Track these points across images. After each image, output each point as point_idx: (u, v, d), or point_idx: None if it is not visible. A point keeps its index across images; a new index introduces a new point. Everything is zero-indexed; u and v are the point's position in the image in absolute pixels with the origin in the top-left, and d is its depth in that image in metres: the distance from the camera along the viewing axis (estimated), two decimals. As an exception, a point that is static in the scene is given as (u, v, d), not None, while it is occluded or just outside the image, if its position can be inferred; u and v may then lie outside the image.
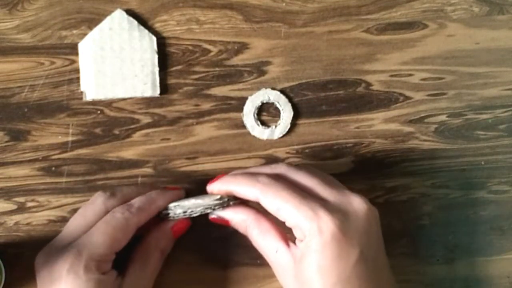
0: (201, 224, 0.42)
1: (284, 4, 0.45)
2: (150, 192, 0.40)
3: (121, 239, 0.37)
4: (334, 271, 0.35)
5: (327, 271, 0.35)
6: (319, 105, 0.46)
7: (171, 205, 0.40)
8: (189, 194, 0.42)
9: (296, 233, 0.37)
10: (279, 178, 0.38)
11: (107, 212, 0.38)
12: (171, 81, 0.44)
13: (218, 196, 0.39)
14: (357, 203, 0.36)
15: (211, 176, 0.44)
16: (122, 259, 0.39)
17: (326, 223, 0.35)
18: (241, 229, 0.40)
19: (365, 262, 0.35)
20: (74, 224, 0.38)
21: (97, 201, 0.39)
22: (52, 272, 0.36)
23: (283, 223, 0.37)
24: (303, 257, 0.36)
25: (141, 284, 0.39)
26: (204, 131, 0.45)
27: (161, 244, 0.40)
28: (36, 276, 0.38)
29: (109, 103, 0.44)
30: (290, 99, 0.45)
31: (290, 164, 0.39)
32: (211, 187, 0.40)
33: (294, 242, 0.37)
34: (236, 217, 0.40)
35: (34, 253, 0.43)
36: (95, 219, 0.38)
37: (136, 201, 0.39)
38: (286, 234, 0.38)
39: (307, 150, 0.46)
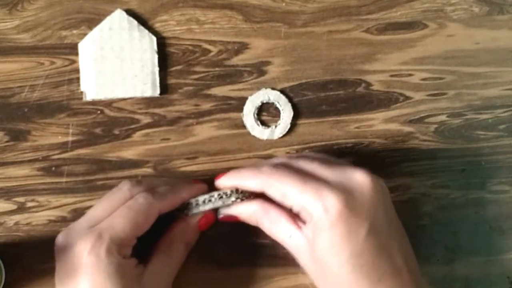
0: (201, 224, 0.42)
1: (284, 4, 0.45)
2: (176, 182, 0.41)
3: (143, 224, 0.37)
4: (346, 247, 0.35)
5: (338, 248, 0.35)
6: (319, 105, 0.46)
7: (192, 203, 0.40)
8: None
9: (304, 216, 0.37)
10: (281, 166, 0.38)
11: (132, 198, 0.38)
12: (171, 81, 0.44)
13: (228, 191, 0.39)
14: (360, 177, 0.37)
15: (211, 176, 0.45)
16: (144, 251, 0.39)
17: (331, 201, 0.35)
18: (252, 222, 0.40)
19: (376, 235, 0.36)
20: (98, 209, 0.38)
21: (123, 188, 0.39)
22: (72, 253, 0.36)
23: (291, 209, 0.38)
24: (314, 238, 0.36)
25: (163, 275, 0.39)
26: (204, 131, 0.45)
27: (186, 237, 0.41)
28: (55, 255, 0.38)
29: (109, 103, 0.44)
30: (290, 99, 0.45)
31: (290, 154, 0.40)
32: (218, 183, 0.41)
33: (305, 224, 0.38)
34: (244, 211, 0.40)
35: (34, 253, 0.43)
36: (119, 205, 0.38)
37: (161, 189, 0.39)
38: (296, 217, 0.38)
39: (307, 150, 0.45)
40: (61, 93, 0.44)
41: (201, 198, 0.40)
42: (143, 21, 0.44)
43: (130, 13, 0.44)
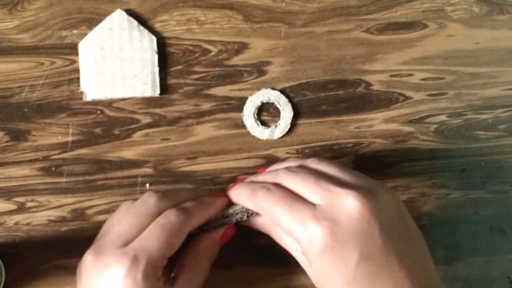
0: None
1: (284, 4, 0.45)
2: (202, 198, 0.40)
3: (175, 243, 0.37)
4: (338, 275, 0.35)
5: (331, 276, 0.35)
6: (319, 105, 0.46)
7: (218, 217, 0.40)
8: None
9: (296, 242, 0.37)
10: (274, 188, 0.38)
11: (159, 213, 0.37)
12: (171, 81, 0.44)
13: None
14: (348, 203, 0.35)
15: (211, 176, 0.45)
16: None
17: (316, 233, 0.35)
18: (265, 230, 0.40)
19: (369, 260, 0.35)
20: (126, 225, 0.37)
21: (149, 201, 0.38)
22: (106, 275, 0.35)
23: None
24: (309, 263, 0.36)
25: None
26: (204, 131, 0.45)
27: (210, 253, 0.40)
28: (82, 274, 0.36)
29: (109, 103, 0.44)
30: (290, 99, 0.45)
31: (288, 169, 0.39)
32: (229, 195, 0.41)
33: None
34: (257, 221, 0.40)
35: (34, 253, 0.43)
36: (147, 220, 0.37)
37: (190, 205, 0.38)
38: None
39: (307, 150, 0.46)
40: (61, 93, 0.44)
41: (226, 213, 0.40)
42: (143, 21, 0.44)
43: (130, 13, 0.44)
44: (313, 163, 0.40)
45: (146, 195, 0.39)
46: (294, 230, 0.36)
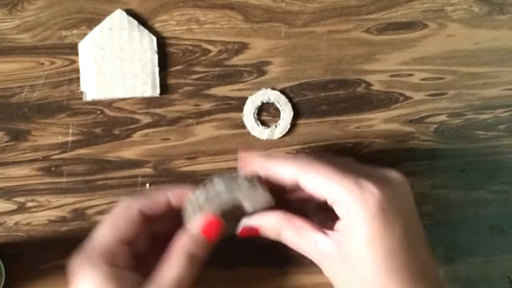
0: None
1: (284, 4, 0.45)
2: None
3: (124, 227, 0.36)
4: (383, 243, 0.34)
5: (375, 243, 0.34)
6: (319, 105, 0.46)
7: (191, 198, 0.36)
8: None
9: (339, 209, 0.35)
10: (317, 158, 0.37)
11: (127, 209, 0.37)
12: (171, 81, 0.44)
13: (243, 179, 0.36)
14: (397, 176, 0.36)
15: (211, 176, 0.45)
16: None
17: (372, 193, 0.34)
18: (273, 234, 0.37)
19: (410, 235, 0.35)
20: (99, 227, 0.37)
21: (119, 204, 0.38)
22: (70, 275, 0.35)
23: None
24: (348, 236, 0.34)
25: None
26: (204, 131, 0.45)
27: (187, 248, 0.35)
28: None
29: (109, 103, 0.44)
30: (290, 99, 0.45)
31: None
32: (245, 162, 0.38)
33: (331, 229, 0.36)
34: (265, 222, 0.37)
35: (34, 253, 0.43)
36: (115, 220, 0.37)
37: (142, 192, 0.38)
38: (321, 226, 0.37)
39: (307, 150, 0.46)
40: (61, 93, 0.44)
41: (198, 191, 0.36)
42: (143, 21, 0.44)
43: (130, 13, 0.44)
44: (332, 156, 0.40)
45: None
46: (346, 191, 0.34)
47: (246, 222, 0.38)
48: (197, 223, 0.36)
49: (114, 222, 0.36)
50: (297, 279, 0.45)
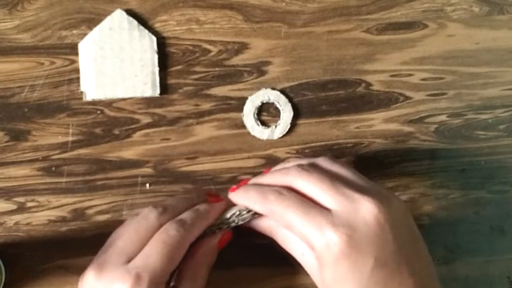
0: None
1: (284, 4, 0.45)
2: (198, 207, 0.40)
3: (177, 258, 0.37)
4: (351, 283, 0.35)
5: (344, 283, 0.35)
6: (319, 105, 0.46)
7: (217, 223, 0.40)
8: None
9: (309, 247, 0.37)
10: (286, 192, 0.38)
11: (160, 227, 0.37)
12: (171, 81, 0.44)
13: (244, 208, 0.40)
14: (365, 209, 0.35)
15: (211, 176, 0.45)
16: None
17: (333, 239, 0.35)
18: (267, 233, 0.40)
19: (382, 267, 0.35)
20: (128, 241, 0.37)
21: (150, 216, 0.38)
22: None
23: None
24: (321, 268, 0.36)
25: None
26: (204, 131, 0.45)
27: (208, 259, 0.39)
28: None
29: (109, 103, 0.44)
30: (290, 99, 0.45)
31: (301, 166, 0.39)
32: (231, 197, 0.40)
33: None
34: (260, 223, 0.40)
35: (34, 253, 0.43)
36: (148, 235, 0.37)
37: (187, 217, 0.38)
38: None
39: (307, 150, 0.46)
40: (61, 93, 0.44)
41: (223, 217, 0.40)
42: (143, 21, 0.44)
43: (130, 13, 0.44)
44: (326, 163, 0.39)
45: (147, 210, 0.39)
46: (309, 236, 0.36)
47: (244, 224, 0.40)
48: (217, 237, 0.40)
49: (172, 255, 0.36)
50: (297, 279, 0.45)
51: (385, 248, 0.35)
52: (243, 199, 0.40)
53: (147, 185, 0.44)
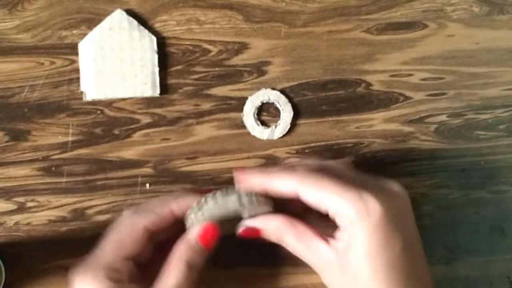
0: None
1: (284, 4, 0.45)
2: (165, 195, 0.39)
3: (129, 244, 0.36)
4: (383, 255, 0.34)
5: (375, 255, 0.34)
6: (319, 105, 0.46)
7: (193, 209, 0.37)
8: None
9: (341, 221, 0.35)
10: (315, 169, 0.37)
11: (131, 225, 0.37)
12: (171, 81, 0.44)
13: (243, 194, 0.36)
14: (397, 187, 0.36)
15: (211, 176, 0.45)
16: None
17: (373, 206, 0.34)
18: (274, 237, 0.38)
19: (409, 250, 0.35)
20: (103, 241, 0.37)
21: (122, 215, 0.38)
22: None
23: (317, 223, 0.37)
24: (349, 246, 0.35)
25: None
26: (204, 131, 0.45)
27: (186, 256, 0.36)
28: None
29: (109, 103, 0.44)
30: (290, 99, 0.45)
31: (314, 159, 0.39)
32: (240, 178, 0.38)
33: (332, 237, 0.36)
34: (268, 224, 0.37)
35: (34, 253, 0.43)
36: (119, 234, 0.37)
37: (148, 204, 0.38)
38: (323, 233, 0.37)
39: (307, 150, 0.46)
40: (61, 93, 0.44)
41: (198, 203, 0.36)
42: (143, 21, 0.44)
43: (130, 13, 0.44)
44: (336, 164, 0.40)
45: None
46: (347, 203, 0.34)
47: (248, 223, 0.38)
48: (195, 232, 0.37)
49: (120, 240, 0.36)
50: (297, 279, 0.45)
51: (411, 232, 0.36)
52: (263, 176, 0.37)
53: (147, 185, 0.44)
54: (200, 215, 0.37)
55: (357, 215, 0.34)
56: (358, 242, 0.34)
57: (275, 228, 0.37)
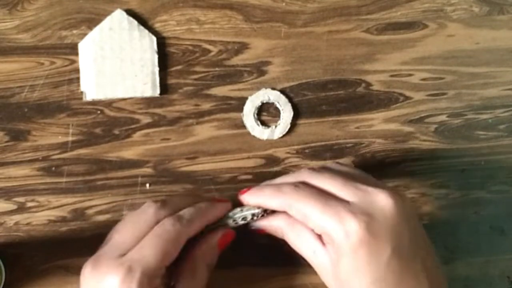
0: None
1: (284, 4, 0.45)
2: (199, 204, 0.39)
3: (172, 253, 0.36)
4: (368, 272, 0.35)
5: (361, 272, 0.35)
6: (319, 105, 0.46)
7: (228, 217, 0.40)
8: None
9: (325, 239, 0.37)
10: (302, 186, 0.38)
11: (158, 222, 0.37)
12: (171, 81, 0.44)
13: (254, 208, 0.40)
14: (382, 200, 0.36)
15: (211, 176, 0.45)
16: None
17: (352, 226, 0.35)
18: (278, 234, 0.40)
19: (399, 257, 0.35)
20: (125, 235, 0.37)
21: (148, 211, 0.38)
22: (101, 285, 0.35)
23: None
24: (337, 260, 0.36)
25: None
26: (204, 131, 0.45)
27: (207, 258, 0.39)
28: (81, 284, 0.36)
29: (109, 103, 0.44)
30: (290, 99, 0.45)
31: (312, 169, 0.39)
32: (242, 198, 0.40)
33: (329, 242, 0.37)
34: (271, 224, 0.40)
35: (34, 253, 0.43)
36: (146, 230, 0.37)
37: (186, 213, 0.38)
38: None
39: (307, 150, 0.46)
40: (61, 93, 0.44)
41: (230, 217, 0.40)
42: (143, 21, 0.44)
43: (130, 13, 0.44)
44: (335, 166, 0.40)
45: (146, 205, 0.38)
46: (328, 225, 0.36)
47: (255, 225, 0.41)
48: (217, 236, 0.40)
49: (166, 249, 0.36)
50: (297, 279, 0.45)
51: (401, 238, 0.36)
52: (257, 197, 0.40)
53: (147, 185, 0.44)
54: (222, 223, 0.40)
55: (338, 236, 0.36)
56: (343, 259, 0.36)
57: (277, 227, 0.40)
